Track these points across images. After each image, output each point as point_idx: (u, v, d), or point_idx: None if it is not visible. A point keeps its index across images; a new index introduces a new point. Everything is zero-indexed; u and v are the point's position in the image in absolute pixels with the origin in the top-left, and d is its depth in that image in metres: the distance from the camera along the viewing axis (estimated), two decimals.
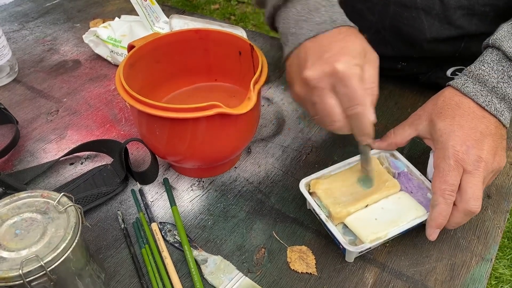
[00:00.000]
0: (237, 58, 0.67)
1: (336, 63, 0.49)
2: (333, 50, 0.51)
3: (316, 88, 0.51)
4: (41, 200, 0.46)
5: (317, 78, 0.50)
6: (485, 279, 0.54)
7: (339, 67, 0.49)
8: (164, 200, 0.64)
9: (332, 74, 0.50)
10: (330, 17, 0.54)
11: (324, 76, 0.50)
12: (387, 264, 0.56)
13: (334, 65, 0.49)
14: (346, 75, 0.49)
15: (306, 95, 0.53)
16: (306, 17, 0.55)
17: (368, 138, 0.54)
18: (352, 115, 0.51)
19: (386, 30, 0.74)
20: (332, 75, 0.50)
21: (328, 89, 0.51)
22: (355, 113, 0.51)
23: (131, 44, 0.64)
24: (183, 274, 0.55)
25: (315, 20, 0.54)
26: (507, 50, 0.55)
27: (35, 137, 0.75)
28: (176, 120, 0.54)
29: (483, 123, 0.55)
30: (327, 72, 0.50)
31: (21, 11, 1.09)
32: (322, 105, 0.52)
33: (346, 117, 0.52)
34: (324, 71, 0.50)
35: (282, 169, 0.68)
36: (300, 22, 0.55)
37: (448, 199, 0.52)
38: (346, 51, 0.51)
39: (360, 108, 0.50)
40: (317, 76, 0.50)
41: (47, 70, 0.90)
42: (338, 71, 0.49)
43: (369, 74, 0.52)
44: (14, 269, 0.40)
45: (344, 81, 0.49)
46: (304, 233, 0.60)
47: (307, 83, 0.51)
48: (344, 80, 0.49)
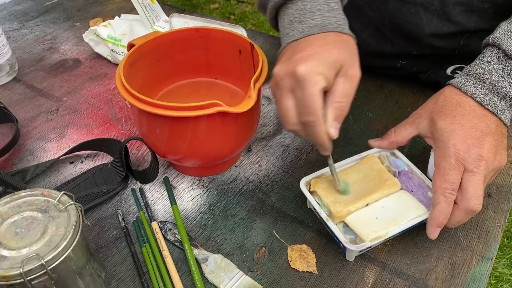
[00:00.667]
0: (237, 56, 0.67)
1: (299, 65, 0.48)
2: (305, 52, 0.50)
3: (278, 86, 0.51)
4: (41, 199, 0.46)
5: (280, 76, 0.50)
6: (485, 278, 0.54)
7: (299, 70, 0.48)
8: (164, 199, 0.64)
9: (292, 76, 0.49)
10: (323, 21, 0.53)
11: (286, 76, 0.50)
12: (387, 263, 0.56)
13: (296, 67, 0.48)
14: (304, 80, 0.48)
15: (273, 91, 0.53)
16: (300, 19, 0.54)
17: (324, 150, 0.52)
18: (303, 122, 0.50)
19: (386, 26, 0.74)
20: (292, 76, 0.49)
21: (288, 89, 0.50)
22: (306, 121, 0.49)
23: (131, 43, 0.64)
24: (183, 273, 0.55)
25: (308, 23, 0.54)
26: (507, 49, 0.55)
27: (35, 136, 0.75)
28: (177, 119, 0.54)
29: (484, 122, 0.55)
30: (288, 72, 0.49)
31: (20, 10, 1.09)
32: (280, 104, 0.51)
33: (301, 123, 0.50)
34: (287, 70, 0.49)
35: (283, 168, 0.68)
36: (294, 23, 0.55)
37: (449, 198, 0.52)
38: (316, 57, 0.49)
39: (311, 117, 0.48)
40: (280, 74, 0.50)
41: (47, 69, 0.90)
42: (297, 73, 0.48)
43: (342, 88, 0.50)
44: (14, 267, 0.40)
45: (301, 85, 0.48)
46: (305, 232, 0.60)
47: (274, 79, 0.51)
48: (300, 84, 0.48)
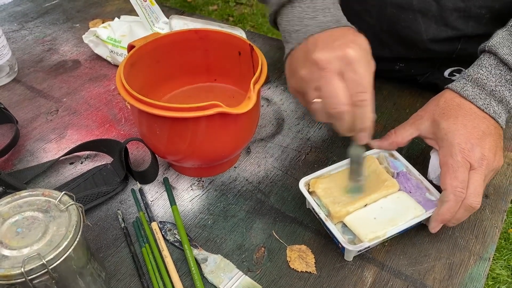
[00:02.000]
0: (237, 58, 0.68)
1: (348, 48, 0.50)
2: (344, 39, 0.52)
3: (325, 70, 0.51)
4: (42, 199, 0.46)
5: (327, 59, 0.51)
6: (483, 278, 0.55)
7: (351, 53, 0.50)
8: (164, 199, 0.64)
9: (343, 58, 0.50)
10: (334, 18, 0.56)
11: (334, 59, 0.51)
12: (386, 263, 0.56)
13: (345, 50, 0.50)
14: (357, 61, 0.50)
15: (311, 78, 0.53)
16: (312, 15, 0.56)
17: (367, 137, 0.54)
18: (357, 101, 0.50)
19: (384, 32, 0.75)
20: (343, 59, 0.50)
21: (337, 72, 0.51)
22: (361, 100, 0.50)
23: (131, 44, 0.65)
24: (183, 273, 0.55)
25: (321, 19, 0.55)
26: (503, 57, 0.56)
27: (35, 136, 0.75)
28: (177, 120, 0.54)
29: (484, 123, 0.56)
30: (338, 56, 0.50)
31: (20, 11, 1.10)
32: (329, 86, 0.51)
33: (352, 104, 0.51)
34: (336, 54, 0.51)
35: (282, 169, 0.69)
36: (305, 20, 0.56)
37: (459, 197, 0.53)
38: (357, 42, 0.52)
39: (366, 95, 0.50)
40: (328, 57, 0.51)
41: (47, 70, 0.90)
42: (350, 55, 0.50)
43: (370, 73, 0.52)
44: (16, 267, 0.40)
45: (354, 66, 0.50)
46: (304, 232, 0.60)
47: (316, 64, 0.51)
48: (354, 65, 0.50)
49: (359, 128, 0.52)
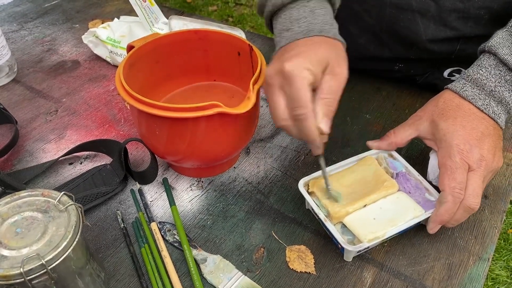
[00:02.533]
0: (236, 58, 0.68)
1: (286, 62, 0.50)
2: (292, 52, 0.52)
3: (268, 85, 0.53)
4: (41, 199, 0.46)
5: (270, 75, 0.52)
6: (482, 278, 0.55)
7: (286, 67, 0.50)
8: (163, 199, 0.64)
9: (280, 73, 0.51)
10: (307, 27, 0.56)
11: (274, 74, 0.52)
12: (385, 263, 0.56)
13: (283, 64, 0.50)
14: (291, 75, 0.50)
15: (264, 91, 0.55)
16: (288, 27, 0.57)
17: (316, 148, 0.54)
18: (295, 116, 0.51)
19: (383, 32, 0.75)
20: (280, 73, 0.51)
21: (277, 87, 0.52)
22: (297, 115, 0.51)
23: (131, 45, 0.65)
24: (182, 274, 0.55)
25: (294, 30, 0.56)
26: (502, 57, 0.56)
27: (34, 137, 0.75)
28: (176, 120, 0.54)
29: (483, 124, 0.56)
30: (277, 70, 0.51)
31: (20, 12, 1.10)
32: (270, 101, 0.53)
33: (292, 119, 0.52)
34: (276, 69, 0.52)
35: (281, 169, 0.69)
36: (283, 32, 0.58)
37: (457, 198, 0.53)
38: (302, 55, 0.51)
39: (302, 110, 0.50)
40: (270, 73, 0.52)
41: (46, 70, 0.90)
42: (285, 70, 0.50)
43: (328, 85, 0.52)
44: (15, 267, 0.40)
45: (289, 80, 0.50)
46: (303, 232, 0.60)
47: (265, 79, 0.53)
48: (288, 79, 0.50)
49: (304, 139, 0.53)
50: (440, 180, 0.55)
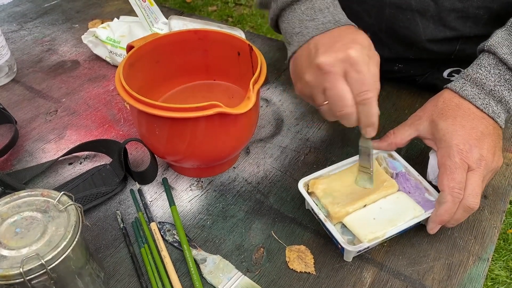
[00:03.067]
0: (236, 58, 0.68)
1: (350, 50, 0.52)
2: (345, 40, 0.53)
3: (329, 73, 0.52)
4: (41, 199, 0.46)
5: (330, 63, 0.52)
6: (482, 279, 0.55)
7: (353, 53, 0.51)
8: (163, 200, 0.64)
9: (345, 60, 0.52)
10: (334, 17, 0.57)
11: (337, 62, 0.52)
12: (385, 263, 0.56)
13: (347, 51, 0.51)
14: (359, 61, 0.51)
15: (316, 82, 0.54)
16: (312, 17, 0.57)
17: (373, 131, 0.55)
18: (362, 101, 0.52)
19: (382, 32, 0.75)
20: (345, 61, 0.52)
21: (341, 75, 0.52)
22: (365, 99, 0.52)
23: (131, 45, 0.65)
24: (182, 274, 0.55)
25: (320, 20, 0.57)
26: (502, 56, 0.56)
27: (34, 137, 0.75)
28: (176, 120, 0.54)
29: (483, 124, 0.56)
30: (340, 58, 0.52)
31: (19, 12, 1.10)
32: (334, 90, 0.53)
33: (356, 104, 0.53)
34: (338, 57, 0.52)
35: (281, 169, 0.69)
36: (305, 22, 0.58)
37: (456, 198, 0.53)
38: (357, 41, 0.53)
39: (370, 94, 0.52)
40: (330, 61, 0.52)
41: (46, 70, 0.90)
42: (352, 56, 0.51)
43: (374, 69, 0.53)
44: (14, 267, 0.40)
45: (357, 66, 0.51)
46: (303, 232, 0.60)
47: (320, 68, 0.53)
48: (356, 65, 0.51)
49: (365, 124, 0.54)
50: (439, 180, 0.55)
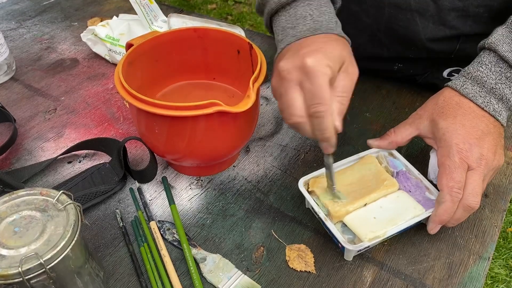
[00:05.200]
0: (236, 57, 0.67)
1: (307, 58, 0.49)
2: (310, 47, 0.51)
3: (285, 79, 0.51)
4: (40, 198, 0.46)
5: (287, 69, 0.51)
6: (482, 277, 0.55)
7: (308, 62, 0.49)
8: (162, 198, 0.64)
9: (301, 68, 0.50)
10: (315, 25, 0.56)
11: (293, 69, 0.50)
12: (385, 262, 0.56)
13: (304, 59, 0.49)
14: (313, 71, 0.49)
15: (276, 87, 0.53)
16: (293, 24, 0.57)
17: (330, 146, 0.52)
18: (313, 113, 0.50)
19: (381, 32, 0.75)
20: (301, 69, 0.50)
21: (295, 83, 0.50)
22: (315, 112, 0.49)
23: (130, 43, 0.64)
24: (182, 273, 0.55)
25: (300, 28, 0.56)
26: (503, 54, 0.56)
27: (33, 135, 0.74)
28: (176, 118, 0.54)
29: (483, 122, 0.56)
30: (296, 65, 0.50)
31: (18, 10, 1.09)
32: (285, 97, 0.51)
33: (308, 116, 0.50)
34: (295, 63, 0.50)
35: (281, 168, 0.68)
36: (287, 29, 0.57)
37: (455, 197, 0.53)
38: (322, 51, 0.51)
39: (322, 107, 0.49)
40: (287, 67, 0.51)
41: (45, 68, 0.90)
42: (307, 65, 0.49)
43: (343, 84, 0.51)
44: (13, 266, 0.40)
45: (310, 76, 0.49)
46: (303, 231, 0.60)
47: (279, 73, 0.52)
48: (310, 75, 0.49)
49: (318, 138, 0.51)
50: (438, 180, 0.55)
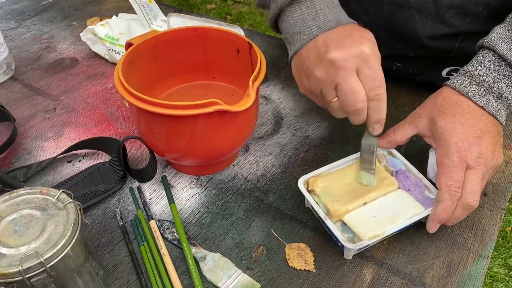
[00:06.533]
0: (235, 56, 0.67)
1: (362, 45, 0.52)
2: (355, 37, 0.54)
3: (342, 69, 0.52)
4: (40, 197, 0.46)
5: (343, 58, 0.52)
6: (481, 276, 0.55)
7: (366, 49, 0.52)
8: (162, 197, 0.64)
9: (359, 56, 0.52)
10: (335, 16, 0.57)
11: (350, 57, 0.52)
12: (385, 261, 0.56)
13: (360, 47, 0.52)
14: (371, 57, 0.52)
15: (328, 78, 0.54)
16: (313, 16, 0.57)
17: (381, 127, 0.56)
18: (374, 96, 0.53)
19: (380, 30, 0.75)
20: (359, 56, 0.52)
21: (353, 70, 0.52)
22: (377, 94, 0.53)
23: (129, 42, 0.64)
24: (181, 271, 0.55)
25: (322, 19, 0.57)
26: (501, 53, 0.56)
27: (32, 134, 0.74)
28: (176, 117, 0.54)
29: (482, 121, 0.56)
30: (353, 54, 0.52)
31: (17, 9, 1.09)
32: (347, 84, 0.53)
33: (369, 99, 0.53)
34: (351, 52, 0.52)
35: (280, 167, 0.68)
36: (307, 21, 0.58)
37: (454, 196, 0.53)
38: (366, 37, 0.54)
39: (382, 89, 0.53)
40: (343, 57, 0.52)
41: (44, 68, 0.90)
42: (365, 52, 0.52)
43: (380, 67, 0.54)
44: (13, 265, 0.40)
45: (369, 62, 0.52)
46: (303, 230, 0.60)
47: (333, 64, 0.53)
48: (369, 61, 0.52)
49: (374, 120, 0.55)
50: (437, 179, 0.55)
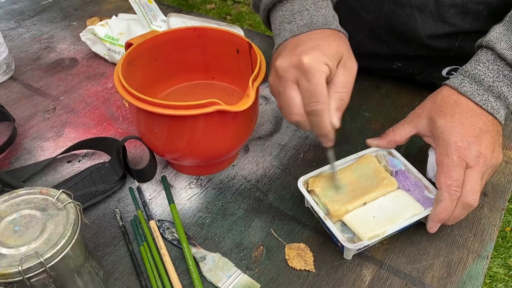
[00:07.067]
0: (235, 56, 0.68)
1: (304, 56, 0.49)
2: (307, 45, 0.51)
3: (282, 78, 0.51)
4: (40, 197, 0.46)
5: (284, 68, 0.51)
6: (481, 276, 0.55)
7: (305, 60, 0.49)
8: (162, 198, 0.64)
9: (298, 66, 0.50)
10: (311, 20, 0.55)
11: (290, 67, 0.50)
12: (384, 261, 0.56)
13: (301, 57, 0.49)
14: (310, 69, 0.49)
15: (274, 85, 0.54)
16: (290, 19, 0.57)
17: (328, 141, 0.53)
18: (310, 111, 0.50)
19: (381, 29, 0.75)
20: (298, 67, 0.50)
21: (292, 81, 0.51)
22: (312, 110, 0.50)
23: (129, 42, 0.64)
24: (181, 272, 0.55)
25: (297, 23, 0.56)
26: (500, 52, 0.56)
27: (32, 135, 0.74)
28: (175, 117, 0.54)
29: (482, 120, 0.56)
30: (293, 64, 0.50)
31: (17, 9, 1.09)
32: (284, 95, 0.52)
33: (306, 113, 0.51)
34: (292, 62, 0.50)
35: (280, 167, 0.68)
36: (283, 24, 0.57)
37: (453, 195, 0.53)
38: (319, 48, 0.50)
39: (318, 106, 0.49)
40: (284, 66, 0.51)
41: (44, 68, 0.90)
42: (303, 64, 0.49)
43: (342, 79, 0.51)
44: (13, 265, 0.40)
45: (307, 75, 0.49)
46: (302, 230, 0.60)
47: (276, 72, 0.52)
48: (307, 74, 0.49)
49: (318, 134, 0.52)
50: (436, 178, 0.55)
